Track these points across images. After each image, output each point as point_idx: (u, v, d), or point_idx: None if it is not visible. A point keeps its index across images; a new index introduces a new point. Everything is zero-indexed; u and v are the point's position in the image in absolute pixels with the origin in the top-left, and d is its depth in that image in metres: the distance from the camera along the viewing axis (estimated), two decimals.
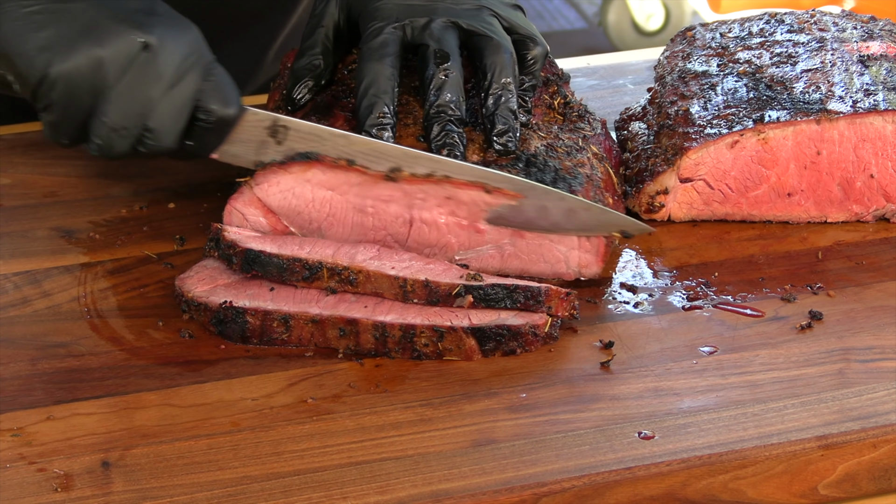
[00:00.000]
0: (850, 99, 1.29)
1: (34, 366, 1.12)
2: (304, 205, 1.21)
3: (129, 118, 1.14)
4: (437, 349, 1.12)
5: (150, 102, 1.14)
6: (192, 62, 1.15)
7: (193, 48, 1.15)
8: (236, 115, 1.18)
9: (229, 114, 1.18)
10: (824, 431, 1.04)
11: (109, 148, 1.15)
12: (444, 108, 1.21)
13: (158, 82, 1.13)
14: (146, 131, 1.15)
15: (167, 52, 1.13)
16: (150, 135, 1.15)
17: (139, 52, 1.12)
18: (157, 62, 1.13)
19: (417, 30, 1.25)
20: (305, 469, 1.01)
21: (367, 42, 1.24)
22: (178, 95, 1.14)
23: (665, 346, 1.14)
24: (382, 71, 1.22)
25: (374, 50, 1.23)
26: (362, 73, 1.22)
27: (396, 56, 1.23)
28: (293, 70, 1.29)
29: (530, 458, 1.02)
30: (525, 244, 1.21)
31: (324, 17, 1.30)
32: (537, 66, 1.29)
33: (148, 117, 1.14)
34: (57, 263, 1.26)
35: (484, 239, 1.21)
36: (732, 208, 1.32)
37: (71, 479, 1.00)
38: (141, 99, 1.13)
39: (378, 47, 1.23)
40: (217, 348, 1.14)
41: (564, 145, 1.25)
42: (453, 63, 1.23)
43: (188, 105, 1.16)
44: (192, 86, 1.15)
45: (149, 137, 1.15)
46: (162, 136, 1.15)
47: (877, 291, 1.22)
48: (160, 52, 1.13)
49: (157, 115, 1.14)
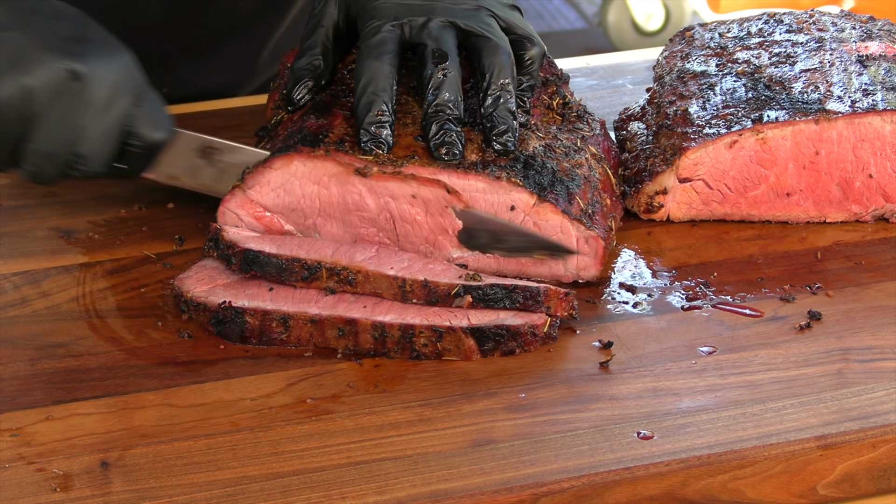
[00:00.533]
0: (849, 99, 1.29)
1: (33, 366, 1.12)
2: (297, 200, 1.21)
3: (58, 145, 1.16)
4: (436, 349, 1.12)
5: (80, 129, 1.16)
6: (123, 89, 1.17)
7: (124, 74, 1.17)
8: (166, 139, 1.21)
9: (158, 138, 1.21)
10: (823, 431, 1.04)
11: (40, 174, 1.18)
12: (442, 107, 1.21)
13: (88, 109, 1.15)
14: (76, 157, 1.17)
15: (96, 79, 1.15)
16: (80, 160, 1.18)
17: (68, 81, 1.14)
18: (87, 90, 1.15)
19: (416, 29, 1.25)
20: (304, 469, 1.01)
21: (365, 40, 1.24)
22: (107, 121, 1.17)
23: (664, 346, 1.14)
24: (381, 69, 1.22)
25: (373, 48, 1.23)
26: (361, 71, 1.22)
27: (395, 54, 1.23)
28: (293, 70, 1.29)
29: (529, 458, 1.02)
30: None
31: (323, 17, 1.30)
32: (535, 66, 1.28)
33: (77, 143, 1.17)
34: (56, 263, 1.26)
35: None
36: (731, 208, 1.32)
37: (70, 479, 1.00)
38: (70, 126, 1.16)
39: (376, 45, 1.23)
40: (216, 348, 1.14)
41: (563, 146, 1.25)
42: (451, 63, 1.23)
43: (118, 130, 1.18)
44: (122, 112, 1.18)
45: (79, 163, 1.18)
46: (92, 161, 1.18)
47: (876, 291, 1.22)
48: (89, 80, 1.14)
49: (87, 142, 1.17)
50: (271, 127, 1.31)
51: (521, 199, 1.19)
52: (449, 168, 1.19)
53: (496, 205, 1.20)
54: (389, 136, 1.20)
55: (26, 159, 1.17)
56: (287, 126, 1.27)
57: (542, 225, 1.20)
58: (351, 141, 1.21)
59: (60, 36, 1.15)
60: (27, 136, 1.15)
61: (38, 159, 1.16)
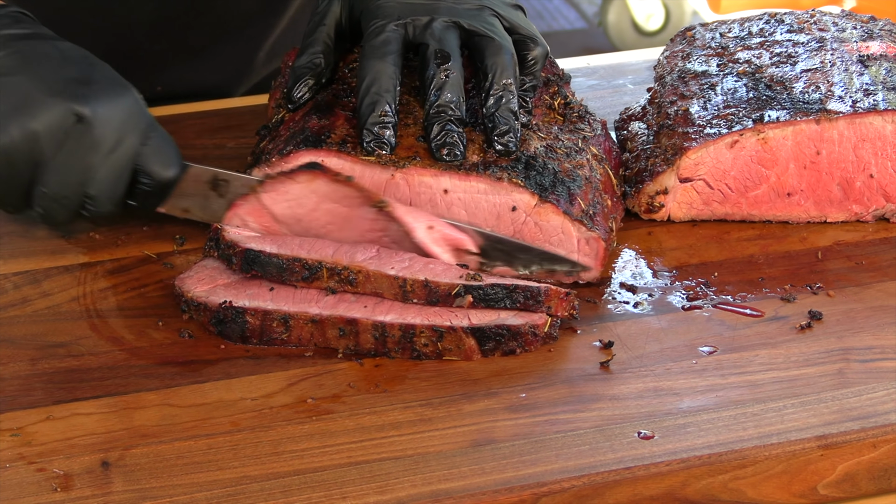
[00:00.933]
0: (850, 99, 1.29)
1: (34, 366, 1.12)
2: (306, 213, 1.21)
3: (68, 187, 1.17)
4: (437, 349, 1.12)
5: (89, 171, 1.16)
6: (130, 128, 1.17)
7: (130, 113, 1.17)
8: (176, 176, 1.21)
9: (169, 176, 1.21)
10: (824, 431, 1.04)
11: (52, 217, 1.19)
12: (444, 108, 1.21)
13: (96, 151, 1.16)
14: (87, 198, 1.18)
15: (103, 121, 1.15)
16: (92, 201, 1.18)
17: (74, 124, 1.14)
18: (93, 132, 1.15)
19: (419, 29, 1.25)
20: (305, 469, 1.01)
21: (368, 40, 1.24)
22: (116, 162, 1.17)
23: (665, 346, 1.14)
24: (384, 69, 1.22)
25: (376, 48, 1.23)
26: (364, 71, 1.22)
27: (398, 54, 1.23)
28: (294, 68, 1.29)
29: (530, 458, 1.02)
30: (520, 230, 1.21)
31: (326, 16, 1.30)
32: (538, 66, 1.28)
33: (87, 185, 1.17)
34: (56, 263, 1.26)
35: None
36: (732, 208, 1.32)
37: (70, 478, 1.00)
38: (79, 169, 1.16)
39: (380, 45, 1.23)
40: (217, 348, 1.14)
41: (564, 146, 1.25)
42: (454, 63, 1.23)
43: (127, 170, 1.19)
44: (131, 151, 1.18)
45: (90, 204, 1.19)
46: (103, 202, 1.19)
47: (876, 291, 1.22)
48: (95, 122, 1.15)
49: (97, 183, 1.17)
50: (273, 126, 1.31)
51: (522, 199, 1.19)
52: (450, 170, 1.19)
53: (498, 206, 1.20)
54: (392, 136, 1.20)
55: (37, 203, 1.18)
56: (289, 126, 1.27)
57: (543, 226, 1.20)
58: (353, 142, 1.21)
59: (65, 79, 1.15)
60: (37, 180, 1.16)
61: (49, 202, 1.17)
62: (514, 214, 1.20)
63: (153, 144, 1.19)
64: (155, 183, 1.21)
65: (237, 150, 1.38)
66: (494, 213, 1.20)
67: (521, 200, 1.19)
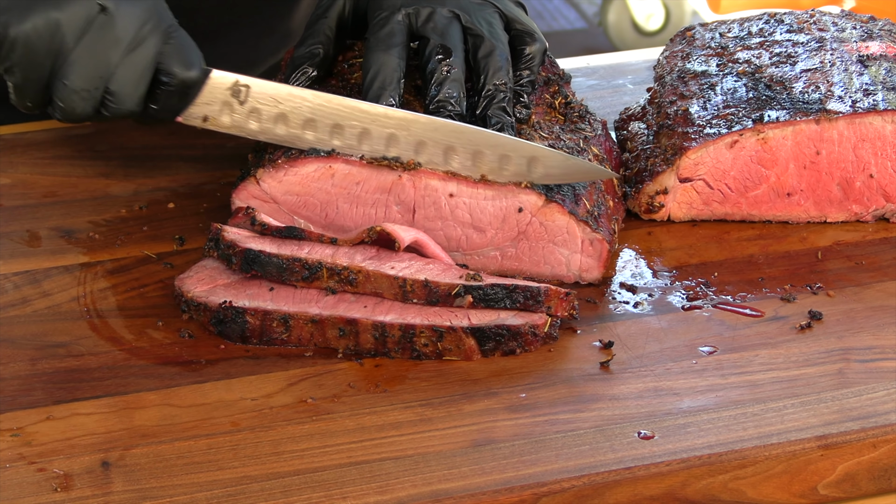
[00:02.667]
0: (850, 99, 1.29)
1: (34, 366, 1.12)
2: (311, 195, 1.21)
3: (89, 81, 1.15)
4: (437, 349, 1.12)
5: (110, 65, 1.15)
6: (152, 25, 1.16)
7: (153, 11, 1.17)
8: (198, 77, 1.20)
9: (191, 76, 1.19)
10: (824, 431, 1.04)
11: (72, 111, 1.17)
12: (444, 103, 1.21)
13: (117, 45, 1.15)
14: (108, 94, 1.17)
15: (125, 15, 1.15)
16: (112, 98, 1.17)
17: (96, 15, 1.14)
18: (115, 25, 1.14)
19: (422, 20, 1.25)
20: (305, 469, 1.01)
21: (374, 32, 1.25)
22: (138, 58, 1.16)
23: (665, 346, 1.14)
24: (388, 62, 1.22)
25: (381, 40, 1.24)
26: (369, 63, 1.23)
27: (403, 46, 1.24)
28: (292, 58, 1.30)
29: (530, 458, 1.02)
30: (527, 246, 1.21)
31: (329, 8, 1.30)
32: (535, 61, 1.29)
33: (109, 80, 1.16)
34: (56, 263, 1.26)
35: (487, 241, 1.21)
36: (732, 208, 1.32)
37: (71, 479, 1.00)
38: (101, 62, 1.15)
39: (385, 37, 1.24)
40: (217, 348, 1.14)
41: (565, 146, 1.25)
42: (455, 58, 1.23)
43: (149, 68, 1.17)
44: (153, 49, 1.17)
45: (111, 100, 1.17)
46: (124, 98, 1.17)
47: (876, 291, 1.22)
48: (118, 15, 1.14)
49: (118, 78, 1.16)
50: None
51: (528, 200, 1.19)
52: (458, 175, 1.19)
53: (504, 209, 1.20)
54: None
55: (58, 95, 1.16)
56: None
57: (549, 226, 1.20)
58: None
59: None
60: (58, 72, 1.15)
61: (70, 95, 1.16)
62: (520, 216, 1.20)
63: (175, 44, 1.18)
64: (177, 83, 1.19)
65: (237, 150, 1.38)
66: (500, 216, 1.20)
67: (527, 201, 1.19)
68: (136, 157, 1.43)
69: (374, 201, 1.21)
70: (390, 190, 1.20)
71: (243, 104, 1.21)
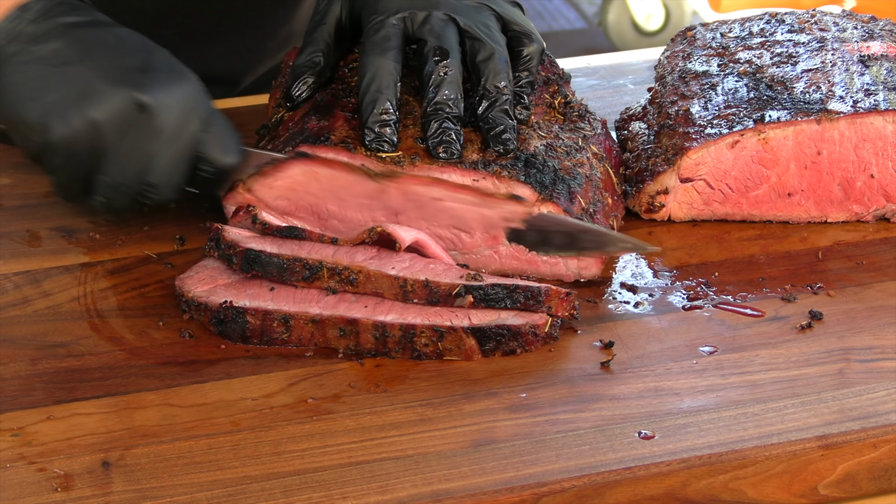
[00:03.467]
0: (851, 99, 1.29)
1: (34, 366, 1.12)
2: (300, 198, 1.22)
3: (129, 176, 1.17)
4: (437, 349, 1.12)
5: (150, 159, 1.16)
6: (190, 115, 1.17)
7: (191, 101, 1.17)
8: (237, 163, 1.21)
9: (230, 163, 1.21)
10: (824, 431, 1.04)
11: (113, 205, 1.19)
12: (441, 105, 1.21)
13: (157, 139, 1.15)
14: (147, 186, 1.18)
15: (164, 109, 1.15)
16: (152, 189, 1.18)
17: (135, 113, 1.14)
18: (154, 120, 1.15)
19: (417, 23, 1.25)
20: (305, 469, 1.01)
21: (369, 36, 1.25)
22: (177, 150, 1.17)
23: (665, 346, 1.14)
24: (384, 66, 1.22)
25: (377, 44, 1.24)
26: (364, 68, 1.23)
27: (399, 50, 1.24)
28: (293, 67, 1.30)
29: (530, 457, 1.02)
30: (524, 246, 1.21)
31: (327, 15, 1.30)
32: (533, 62, 1.29)
33: (148, 173, 1.17)
34: (57, 263, 1.26)
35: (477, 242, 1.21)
36: (733, 208, 1.32)
37: (71, 478, 1.00)
38: (140, 157, 1.16)
39: (380, 41, 1.24)
40: (217, 348, 1.14)
41: (564, 145, 1.25)
42: (452, 60, 1.23)
43: (187, 158, 1.18)
44: (191, 139, 1.18)
45: (150, 192, 1.18)
46: (163, 189, 1.19)
47: (877, 291, 1.22)
48: (157, 111, 1.15)
49: (157, 171, 1.17)
50: (272, 125, 1.31)
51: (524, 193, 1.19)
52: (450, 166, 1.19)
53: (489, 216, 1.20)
54: (393, 134, 1.20)
55: (98, 191, 1.18)
56: (288, 126, 1.27)
57: None
58: (354, 143, 1.21)
59: (126, 67, 1.15)
60: (97, 168, 1.16)
61: (110, 191, 1.17)
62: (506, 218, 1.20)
63: (214, 131, 1.19)
64: (216, 170, 1.20)
65: None
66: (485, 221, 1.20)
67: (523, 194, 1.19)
68: None
69: (360, 204, 1.22)
70: (374, 193, 1.21)
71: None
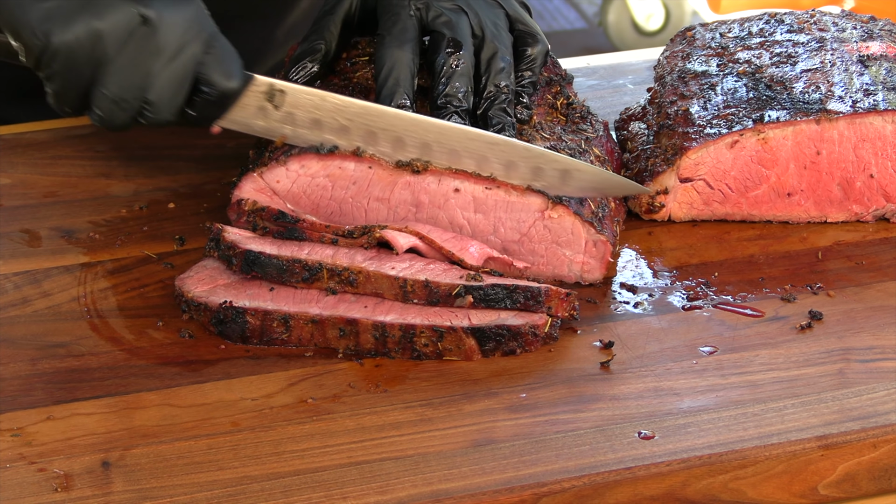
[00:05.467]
0: (850, 99, 1.29)
1: (34, 366, 1.12)
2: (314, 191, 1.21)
3: (128, 91, 1.15)
4: (437, 349, 1.12)
5: (150, 76, 1.15)
6: (193, 35, 1.15)
7: (194, 21, 1.16)
8: (239, 86, 1.19)
9: (231, 87, 1.19)
10: (824, 431, 1.04)
11: (110, 119, 1.17)
12: (451, 98, 1.21)
13: (158, 56, 1.14)
14: (146, 104, 1.16)
15: (167, 25, 1.14)
16: (150, 107, 1.16)
17: (138, 26, 1.13)
18: (157, 35, 1.14)
19: (433, 15, 1.26)
20: (305, 469, 1.01)
21: (387, 28, 1.25)
22: (178, 68, 1.15)
23: (665, 346, 1.14)
24: (403, 58, 1.22)
25: (395, 36, 1.24)
26: (382, 60, 1.23)
27: (416, 42, 1.24)
28: (294, 55, 1.30)
29: (530, 458, 1.02)
30: (530, 246, 1.21)
31: (337, 5, 1.30)
32: (537, 62, 1.29)
33: (148, 90, 1.15)
34: (57, 263, 1.26)
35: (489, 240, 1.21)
36: (732, 208, 1.32)
37: (71, 479, 1.00)
38: (140, 72, 1.14)
39: (398, 34, 1.24)
40: (217, 348, 1.14)
41: (567, 147, 1.25)
42: (465, 52, 1.23)
43: (188, 78, 1.17)
44: (193, 59, 1.16)
45: (149, 110, 1.16)
46: (162, 108, 1.16)
47: (877, 291, 1.22)
48: (160, 26, 1.14)
49: (157, 89, 1.15)
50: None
51: (535, 202, 1.19)
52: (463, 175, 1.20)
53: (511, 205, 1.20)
54: None
55: (96, 104, 1.16)
56: None
57: (553, 227, 1.20)
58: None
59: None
60: (97, 80, 1.14)
61: (108, 104, 1.15)
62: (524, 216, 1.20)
63: (216, 53, 1.18)
64: (216, 93, 1.18)
65: (237, 150, 1.38)
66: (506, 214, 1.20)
67: (534, 202, 1.19)
68: (136, 157, 1.43)
69: (379, 198, 1.21)
70: (396, 188, 1.20)
71: (278, 109, 1.21)
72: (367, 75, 1.30)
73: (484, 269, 1.17)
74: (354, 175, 1.21)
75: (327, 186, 1.22)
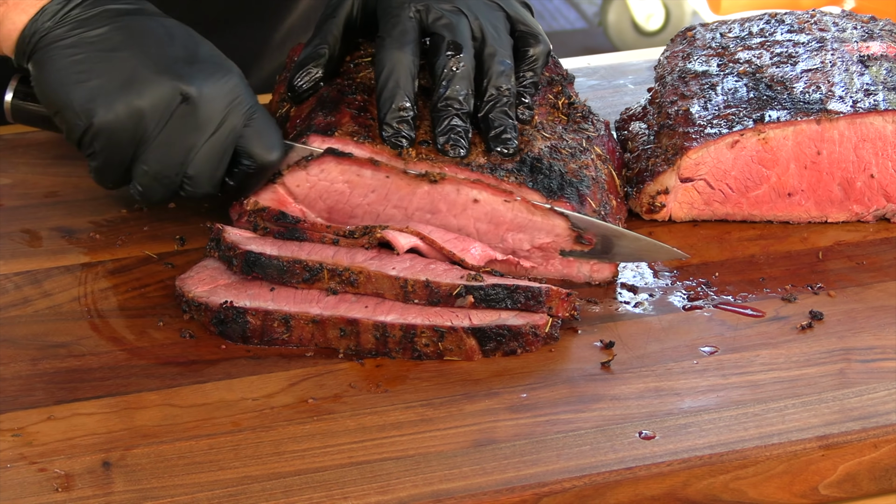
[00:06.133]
0: (851, 99, 1.29)
1: (35, 366, 1.12)
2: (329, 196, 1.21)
3: (169, 167, 1.17)
4: (438, 349, 1.12)
5: (190, 151, 1.17)
6: (233, 109, 1.17)
7: (234, 95, 1.17)
8: (279, 159, 1.21)
9: (272, 159, 1.20)
10: (825, 431, 1.04)
11: (150, 194, 1.19)
12: (451, 101, 1.21)
13: (199, 131, 1.16)
14: (186, 178, 1.18)
15: (207, 101, 1.15)
16: (190, 181, 1.19)
17: (179, 103, 1.15)
18: (198, 112, 1.15)
19: (433, 17, 1.26)
20: (306, 469, 1.01)
21: (387, 31, 1.25)
22: (217, 143, 1.17)
23: (666, 346, 1.14)
24: (403, 60, 1.22)
25: (395, 39, 1.24)
26: (382, 63, 1.23)
27: (416, 44, 1.24)
28: (298, 60, 1.30)
29: (531, 458, 1.02)
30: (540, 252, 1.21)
31: (338, 8, 1.30)
32: (538, 63, 1.29)
33: (188, 165, 1.17)
34: (58, 263, 1.26)
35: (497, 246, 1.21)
36: (733, 208, 1.32)
37: (72, 479, 1.00)
38: (181, 148, 1.16)
39: (398, 36, 1.24)
40: (218, 348, 1.14)
41: (568, 147, 1.25)
42: (465, 55, 1.23)
43: (228, 152, 1.18)
44: (233, 133, 1.18)
45: (189, 184, 1.19)
46: (202, 182, 1.19)
47: (877, 291, 1.22)
48: (200, 102, 1.15)
49: (197, 163, 1.17)
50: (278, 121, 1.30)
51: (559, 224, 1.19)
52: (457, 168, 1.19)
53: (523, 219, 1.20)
54: (411, 130, 1.20)
55: (137, 179, 1.18)
56: (294, 122, 1.27)
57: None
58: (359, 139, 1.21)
59: (171, 57, 1.16)
60: (138, 157, 1.16)
61: (149, 180, 1.18)
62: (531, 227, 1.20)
63: (256, 126, 1.19)
64: (256, 165, 1.20)
65: None
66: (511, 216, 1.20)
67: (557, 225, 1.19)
68: None
69: (397, 205, 1.21)
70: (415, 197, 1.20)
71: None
72: (371, 76, 1.30)
73: (484, 269, 1.17)
74: (373, 183, 1.20)
75: (345, 192, 1.21)
